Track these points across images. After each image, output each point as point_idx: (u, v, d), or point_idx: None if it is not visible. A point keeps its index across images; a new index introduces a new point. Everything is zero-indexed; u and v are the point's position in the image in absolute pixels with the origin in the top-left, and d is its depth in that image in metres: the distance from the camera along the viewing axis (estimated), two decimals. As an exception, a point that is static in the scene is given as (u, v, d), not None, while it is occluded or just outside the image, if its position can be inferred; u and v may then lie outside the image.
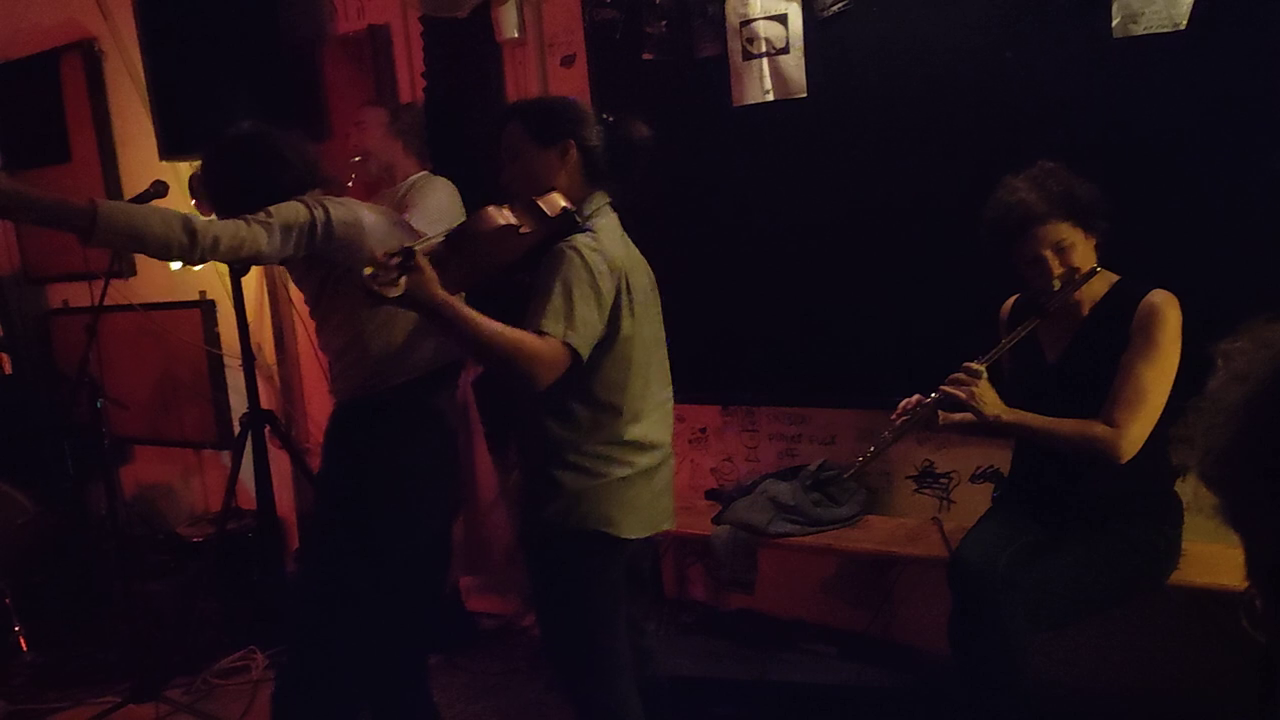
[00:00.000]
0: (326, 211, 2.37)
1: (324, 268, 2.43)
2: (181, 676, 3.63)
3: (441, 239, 2.09)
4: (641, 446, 2.24)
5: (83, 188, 4.78)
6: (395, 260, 1.86)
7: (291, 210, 2.34)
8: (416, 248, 1.92)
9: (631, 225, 2.40)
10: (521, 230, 2.09)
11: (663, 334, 2.36)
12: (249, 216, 2.28)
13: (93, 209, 2.10)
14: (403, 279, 1.86)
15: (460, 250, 2.07)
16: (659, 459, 2.29)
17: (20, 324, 5.17)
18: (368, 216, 2.49)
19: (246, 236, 2.25)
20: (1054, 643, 2.43)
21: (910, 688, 2.96)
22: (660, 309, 2.37)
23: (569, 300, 2.05)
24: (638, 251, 2.32)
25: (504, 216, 2.08)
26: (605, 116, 2.30)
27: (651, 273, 2.35)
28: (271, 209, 2.32)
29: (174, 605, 4.04)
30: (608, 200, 2.29)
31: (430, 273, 1.92)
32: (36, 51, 4.87)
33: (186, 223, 2.17)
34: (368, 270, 1.84)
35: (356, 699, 2.58)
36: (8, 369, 4.96)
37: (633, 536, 2.23)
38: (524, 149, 2.23)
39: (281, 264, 2.42)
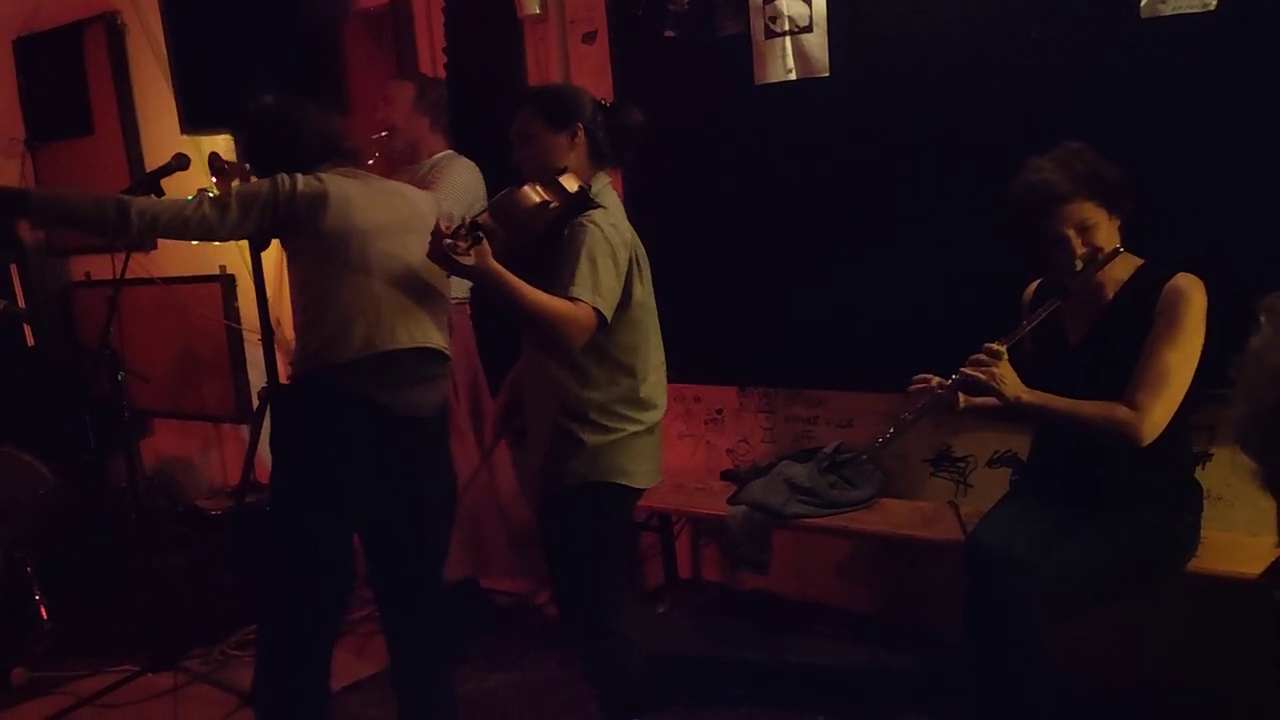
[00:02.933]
0: (293, 185, 2.39)
1: (288, 239, 2.48)
2: (199, 647, 3.65)
3: (488, 213, 2.28)
4: (649, 405, 2.47)
5: (105, 160, 4.82)
6: (466, 232, 2.11)
7: (255, 186, 2.41)
8: (477, 220, 2.18)
9: (650, 204, 2.44)
10: (551, 206, 2.30)
11: (654, 303, 2.54)
12: (209, 194, 2.39)
13: (24, 191, 2.35)
14: (473, 249, 2.11)
15: (505, 224, 2.30)
16: (660, 416, 2.52)
17: (42, 296, 5.22)
18: (353, 190, 2.45)
19: (193, 216, 2.34)
20: (1070, 628, 2.41)
21: (925, 671, 2.95)
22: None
23: (594, 269, 2.27)
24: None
25: (539, 194, 2.30)
26: (603, 102, 2.51)
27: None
28: (238, 187, 2.42)
29: (192, 577, 4.09)
30: (609, 180, 2.50)
31: (487, 244, 2.15)
32: (60, 24, 4.90)
33: (120, 204, 2.30)
34: (447, 240, 2.09)
35: (304, 669, 2.52)
36: (30, 341, 4.99)
37: (643, 486, 2.48)
38: (538, 132, 2.43)
39: (256, 237, 2.54)
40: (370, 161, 3.57)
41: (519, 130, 2.46)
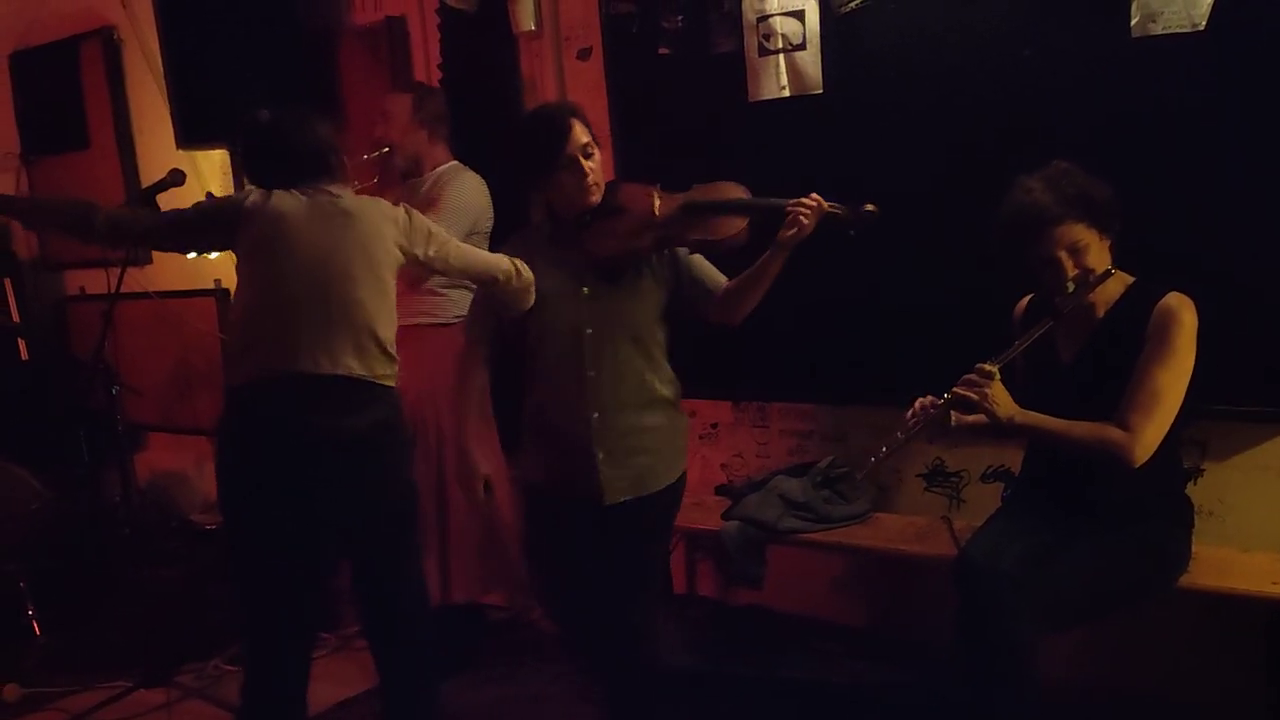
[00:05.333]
0: (240, 201, 2.45)
1: (235, 253, 2.53)
2: (192, 662, 3.65)
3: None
4: None
5: (101, 175, 4.83)
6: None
7: (212, 200, 2.55)
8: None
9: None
10: None
11: None
12: (184, 210, 2.51)
13: (8, 196, 2.52)
14: None
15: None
16: None
17: (37, 310, 5.21)
18: (295, 210, 2.42)
19: (150, 226, 2.53)
20: (1060, 644, 2.42)
21: (917, 686, 2.95)
22: None
23: None
24: None
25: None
26: None
27: None
28: (199, 202, 2.58)
29: (186, 591, 4.07)
30: None
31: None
32: (56, 39, 4.91)
33: (88, 210, 2.43)
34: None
35: (275, 685, 2.54)
36: (24, 355, 4.98)
37: None
38: (595, 150, 2.50)
39: (217, 250, 2.73)
40: (372, 183, 3.52)
41: (587, 148, 2.47)
